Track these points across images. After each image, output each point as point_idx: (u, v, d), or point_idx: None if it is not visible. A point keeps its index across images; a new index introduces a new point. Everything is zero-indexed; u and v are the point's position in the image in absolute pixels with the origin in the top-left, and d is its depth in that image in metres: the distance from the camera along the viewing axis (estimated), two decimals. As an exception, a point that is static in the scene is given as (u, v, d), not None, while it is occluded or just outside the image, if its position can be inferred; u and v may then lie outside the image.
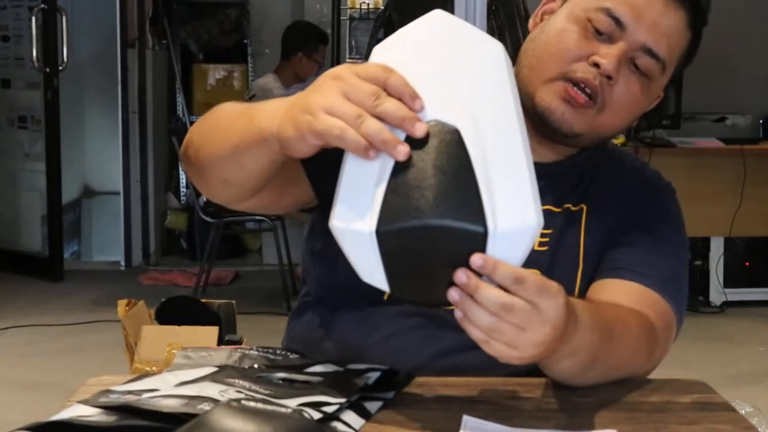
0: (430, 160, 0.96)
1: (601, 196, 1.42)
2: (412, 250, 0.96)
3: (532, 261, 1.37)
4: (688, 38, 1.36)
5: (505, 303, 0.95)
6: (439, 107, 0.99)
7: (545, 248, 1.38)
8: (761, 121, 5.74)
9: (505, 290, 0.96)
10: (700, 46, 1.40)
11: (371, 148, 0.95)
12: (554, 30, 1.34)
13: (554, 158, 1.43)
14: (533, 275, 0.97)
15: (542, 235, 1.38)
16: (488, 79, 1.03)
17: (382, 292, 1.32)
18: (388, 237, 0.95)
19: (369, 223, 0.95)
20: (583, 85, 1.30)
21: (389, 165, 0.96)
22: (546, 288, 0.98)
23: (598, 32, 1.31)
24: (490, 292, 0.95)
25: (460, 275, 0.95)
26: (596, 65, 1.29)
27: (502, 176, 0.97)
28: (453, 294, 0.96)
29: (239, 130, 1.14)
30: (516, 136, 1.01)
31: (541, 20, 1.40)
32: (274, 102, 1.11)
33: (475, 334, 0.98)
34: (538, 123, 1.35)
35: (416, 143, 0.96)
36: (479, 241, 0.95)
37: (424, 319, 1.34)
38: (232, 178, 1.21)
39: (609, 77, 1.29)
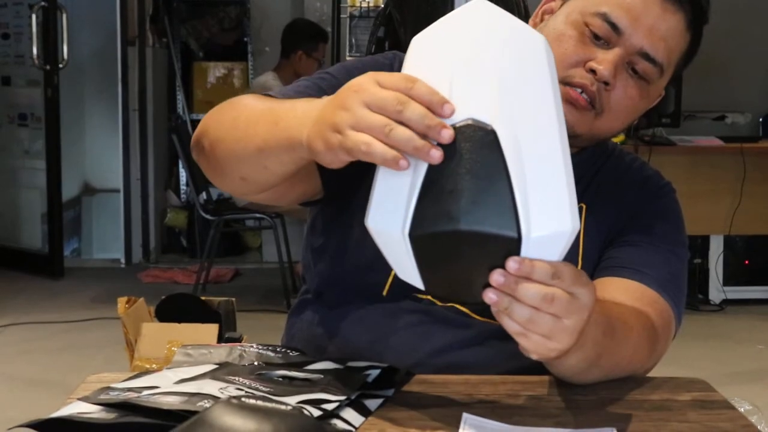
0: (463, 163, 0.93)
1: (601, 195, 1.43)
2: (446, 253, 0.95)
3: None
4: (687, 39, 1.36)
5: (547, 294, 0.95)
6: (474, 105, 0.96)
7: None
8: (761, 120, 5.74)
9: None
10: (700, 45, 1.40)
11: (402, 158, 0.93)
12: (553, 33, 1.34)
13: None
14: (567, 267, 0.97)
15: None
16: (528, 74, 0.99)
17: (381, 289, 1.33)
18: (421, 240, 0.94)
19: (402, 226, 0.94)
20: (581, 90, 1.30)
21: (423, 168, 0.94)
22: (580, 275, 0.99)
23: (596, 37, 1.31)
24: (530, 288, 0.94)
25: (497, 277, 0.94)
26: (593, 71, 1.29)
27: (538, 179, 0.95)
28: (490, 295, 0.95)
29: (263, 133, 1.12)
30: (554, 136, 0.98)
31: (541, 20, 1.40)
32: (298, 105, 1.09)
33: (513, 327, 0.97)
34: None
35: (450, 145, 0.93)
36: (513, 246, 0.93)
37: (422, 316, 1.35)
38: (252, 177, 1.19)
39: (606, 83, 1.29)
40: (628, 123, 1.39)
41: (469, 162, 0.93)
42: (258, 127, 1.12)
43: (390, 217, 0.95)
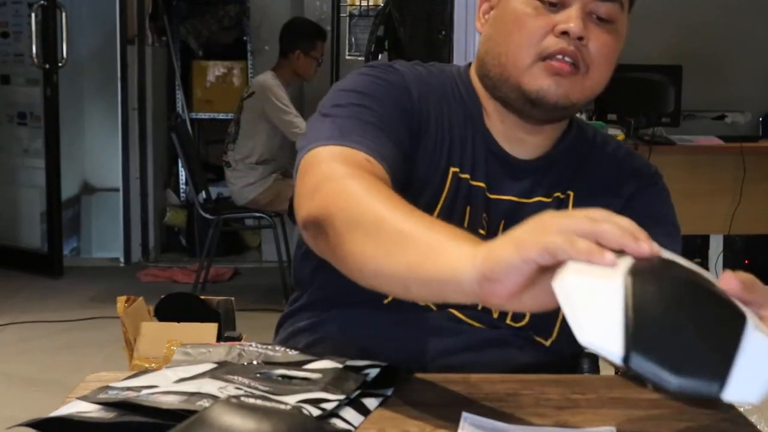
0: (700, 310, 0.87)
1: (589, 185, 1.44)
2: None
3: None
4: None
5: None
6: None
7: None
8: (761, 119, 5.75)
9: None
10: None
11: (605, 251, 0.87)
12: (509, 20, 1.35)
13: (540, 152, 1.44)
14: None
15: None
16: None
17: (380, 298, 1.32)
18: (630, 360, 0.84)
19: (616, 347, 0.84)
20: (561, 56, 1.31)
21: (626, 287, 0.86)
22: None
23: (551, 4, 1.32)
24: None
25: None
26: (564, 33, 1.29)
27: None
28: None
29: (410, 275, 1.04)
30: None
31: (486, 21, 1.41)
32: (450, 249, 1.01)
33: None
34: (533, 109, 1.35)
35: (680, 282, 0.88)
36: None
37: (422, 323, 1.35)
38: (386, 284, 1.12)
39: (580, 38, 1.30)
40: (612, 69, 1.38)
41: (700, 309, 0.86)
42: (407, 253, 1.05)
43: (605, 334, 0.85)
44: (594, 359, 1.61)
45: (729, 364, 0.83)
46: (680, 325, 0.83)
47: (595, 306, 0.84)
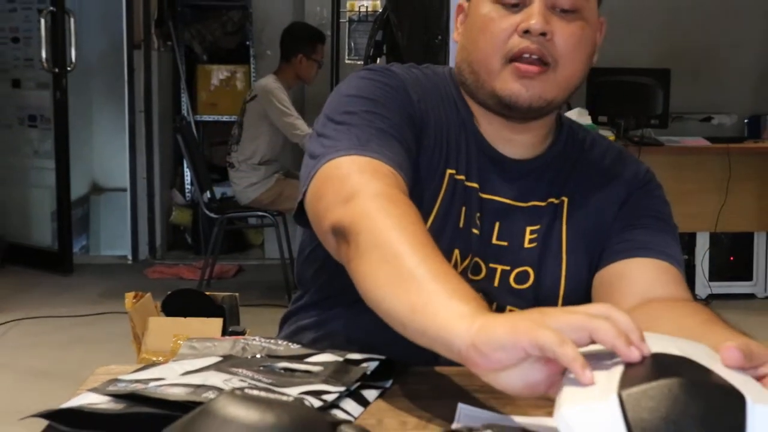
0: (695, 406, 0.84)
1: (583, 187, 1.42)
2: None
3: (523, 259, 1.38)
4: None
5: None
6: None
7: (534, 245, 1.39)
8: (746, 121, 5.76)
9: None
10: None
11: (587, 367, 0.86)
12: (476, 27, 1.34)
13: (533, 153, 1.42)
14: None
15: (531, 232, 1.39)
16: None
17: None
18: None
19: None
20: (527, 55, 1.29)
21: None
22: None
23: (513, 5, 1.30)
24: None
25: None
26: (527, 31, 1.28)
27: None
28: None
29: (408, 318, 1.03)
30: None
31: (462, 28, 1.40)
32: (450, 307, 0.99)
33: None
34: (510, 112, 1.34)
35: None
36: None
37: None
38: (384, 314, 1.09)
39: (543, 34, 1.28)
40: (586, 59, 1.35)
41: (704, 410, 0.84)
42: (411, 295, 1.03)
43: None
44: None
45: None
46: (682, 429, 0.83)
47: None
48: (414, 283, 1.04)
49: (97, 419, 1.00)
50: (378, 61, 4.93)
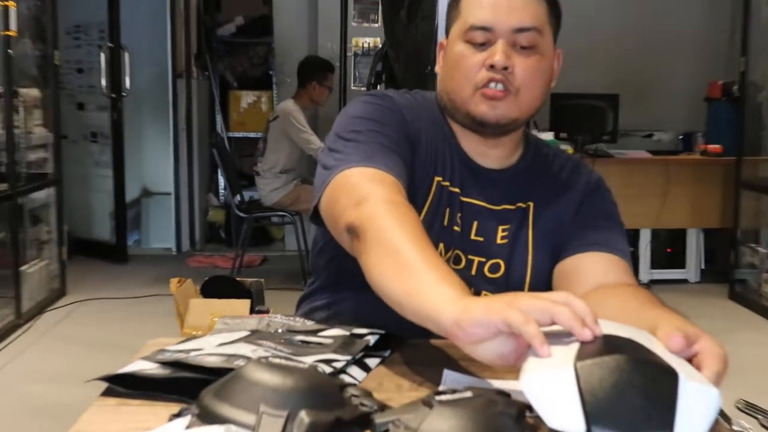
0: (637, 378, 0.84)
1: (547, 194, 1.41)
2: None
3: (496, 253, 1.38)
4: (544, 1, 1.33)
5: None
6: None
7: (505, 241, 1.38)
8: (680, 137, 5.76)
9: None
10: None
11: (545, 343, 0.87)
12: (452, 63, 1.34)
13: (506, 164, 1.42)
14: None
15: (502, 230, 1.39)
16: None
17: None
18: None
19: (579, 426, 0.82)
20: (493, 84, 1.29)
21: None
22: None
23: (481, 44, 1.30)
24: None
25: None
26: (492, 66, 1.28)
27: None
28: None
29: (405, 301, 1.04)
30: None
31: (443, 61, 1.40)
32: (439, 292, 0.99)
33: None
34: (483, 129, 1.35)
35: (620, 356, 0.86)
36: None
37: None
38: (386, 298, 1.09)
39: (506, 68, 1.28)
40: (545, 85, 1.35)
41: (639, 377, 0.85)
42: (408, 282, 1.04)
43: (565, 416, 0.83)
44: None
45: (672, 415, 0.83)
46: (626, 396, 0.83)
47: (556, 397, 0.84)
48: (410, 272, 1.04)
49: (147, 382, 1.00)
50: (378, 87, 4.93)
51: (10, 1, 4.22)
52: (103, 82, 5.64)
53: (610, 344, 0.89)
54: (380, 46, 5.46)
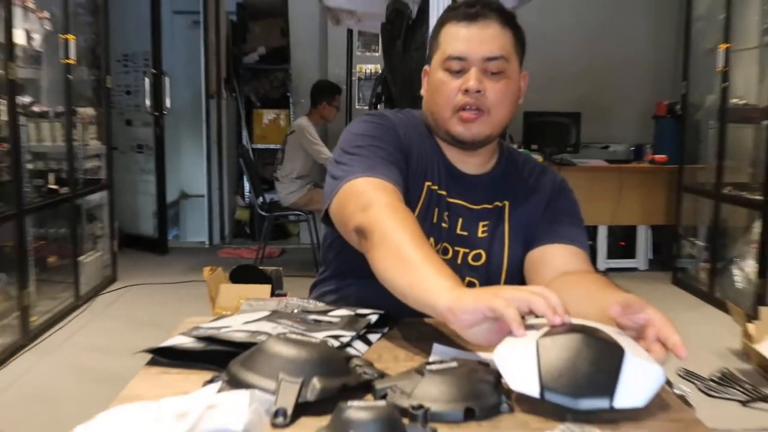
0: (588, 353, 0.85)
1: (519, 194, 1.41)
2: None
3: (478, 244, 1.38)
4: (509, 32, 1.33)
5: None
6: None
7: (486, 235, 1.38)
8: (632, 149, 5.76)
9: None
10: (525, 35, 1.37)
11: (522, 326, 0.89)
12: (433, 88, 1.34)
13: (484, 170, 1.41)
14: None
15: (483, 226, 1.39)
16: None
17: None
18: (545, 397, 0.84)
19: (535, 390, 0.84)
20: (468, 107, 1.30)
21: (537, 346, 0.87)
22: None
23: (457, 72, 1.31)
24: None
25: None
26: (467, 90, 1.29)
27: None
28: None
29: (408, 291, 1.04)
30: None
31: (427, 85, 1.40)
32: (436, 283, 1.00)
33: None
34: (460, 145, 1.35)
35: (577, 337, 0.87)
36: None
37: None
38: (390, 288, 1.09)
39: (478, 91, 1.29)
40: (513, 103, 1.35)
41: (594, 352, 0.85)
42: (409, 274, 1.04)
43: (524, 378, 0.85)
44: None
45: (614, 384, 0.83)
46: (575, 367, 0.84)
47: (518, 365, 0.86)
48: (411, 267, 1.05)
49: (185, 354, 1.00)
50: (378, 107, 4.92)
51: (70, 35, 4.22)
52: (148, 102, 5.63)
53: (571, 328, 0.90)
54: (380, 71, 5.45)
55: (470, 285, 1.35)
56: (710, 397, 3.01)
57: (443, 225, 1.36)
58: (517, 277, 1.37)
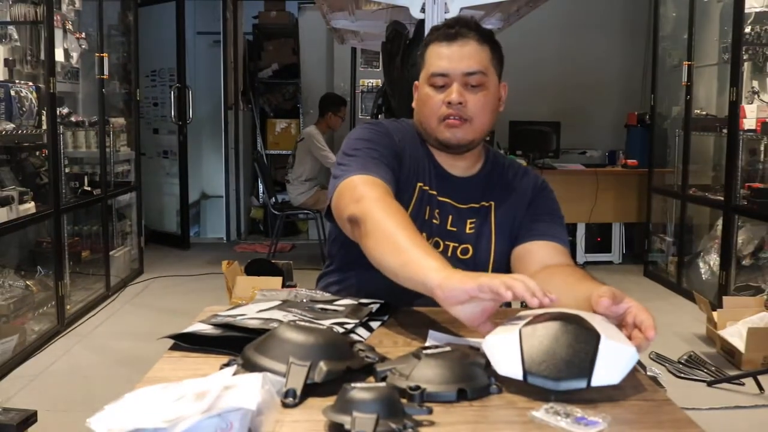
0: (566, 338, 0.85)
1: (504, 194, 1.41)
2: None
3: (465, 240, 1.37)
4: (487, 47, 1.34)
5: None
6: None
7: (473, 231, 1.38)
8: (606, 154, 5.75)
9: None
10: (503, 49, 1.38)
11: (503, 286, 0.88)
12: (421, 101, 1.36)
13: (471, 172, 1.41)
14: None
15: (470, 223, 1.38)
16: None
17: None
18: (527, 380, 0.84)
19: (518, 374, 0.84)
20: (452, 117, 1.31)
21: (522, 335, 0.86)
22: None
23: (441, 87, 1.32)
24: None
25: None
26: (450, 102, 1.30)
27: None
28: None
29: (400, 270, 1.03)
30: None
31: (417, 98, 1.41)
32: (426, 263, 0.99)
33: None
34: (448, 149, 1.36)
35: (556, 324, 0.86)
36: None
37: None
38: (384, 270, 1.09)
39: (460, 102, 1.30)
40: (493, 112, 1.36)
41: (571, 339, 0.85)
42: (401, 257, 1.04)
43: (509, 362, 0.85)
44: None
45: (591, 366, 0.83)
46: (555, 352, 0.84)
47: (503, 352, 0.86)
48: (402, 250, 1.05)
49: (204, 339, 1.00)
50: (379, 117, 4.91)
51: (104, 53, 4.23)
52: (173, 112, 5.62)
53: (552, 317, 0.89)
54: (381, 85, 5.44)
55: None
56: (679, 378, 3.00)
57: (434, 221, 1.37)
58: (503, 271, 1.37)
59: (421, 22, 2.90)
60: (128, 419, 0.67)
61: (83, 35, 4.01)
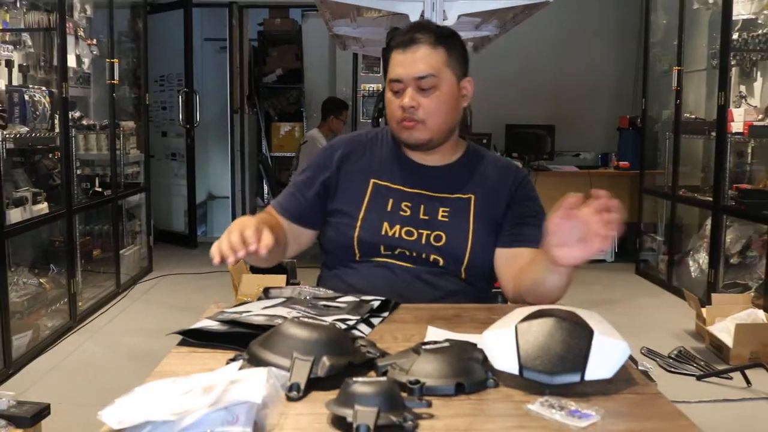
0: (560, 334, 0.85)
1: (484, 187, 1.39)
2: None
3: (438, 227, 1.37)
4: (442, 50, 1.35)
5: None
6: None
7: (446, 219, 1.37)
8: (599, 156, 5.75)
9: None
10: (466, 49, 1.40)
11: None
12: (386, 105, 1.40)
13: (444, 162, 1.41)
14: None
15: (443, 211, 1.37)
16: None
17: (352, 261, 1.39)
18: (524, 374, 0.84)
19: (515, 369, 0.84)
20: (406, 120, 1.34)
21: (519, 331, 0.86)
22: None
23: (397, 92, 1.35)
24: None
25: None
26: (403, 107, 1.34)
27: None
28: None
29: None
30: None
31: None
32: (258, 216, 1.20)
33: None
34: (408, 146, 1.40)
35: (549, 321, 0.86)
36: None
37: (387, 271, 1.35)
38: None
39: (412, 107, 1.33)
40: (450, 111, 1.37)
41: (567, 335, 0.85)
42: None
43: (506, 358, 0.85)
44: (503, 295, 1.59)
45: (585, 361, 0.83)
46: (550, 347, 0.84)
47: (500, 347, 0.86)
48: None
49: (211, 335, 1.00)
50: (380, 120, 4.90)
51: (114, 59, 4.23)
52: (181, 116, 5.62)
53: (547, 313, 0.89)
54: (381, 90, 5.44)
55: (434, 263, 1.35)
56: (669, 372, 3.00)
57: (402, 213, 1.37)
58: (481, 257, 1.36)
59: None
60: (138, 412, 0.67)
61: (94, 42, 4.02)
